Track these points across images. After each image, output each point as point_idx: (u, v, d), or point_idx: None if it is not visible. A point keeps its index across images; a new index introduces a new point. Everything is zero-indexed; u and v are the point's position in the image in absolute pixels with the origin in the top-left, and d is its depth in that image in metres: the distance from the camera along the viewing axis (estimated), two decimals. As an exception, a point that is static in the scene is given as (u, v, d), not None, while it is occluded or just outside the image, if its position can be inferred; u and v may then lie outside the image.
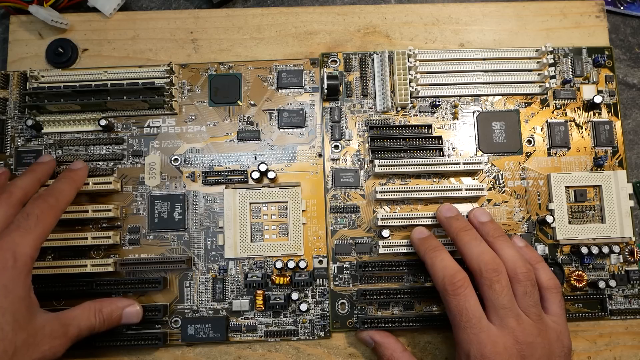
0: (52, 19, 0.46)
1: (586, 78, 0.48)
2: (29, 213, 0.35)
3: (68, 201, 0.39)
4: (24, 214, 0.35)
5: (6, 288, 0.32)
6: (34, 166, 0.42)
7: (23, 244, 0.34)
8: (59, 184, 0.40)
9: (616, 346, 0.45)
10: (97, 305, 0.39)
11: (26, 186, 0.38)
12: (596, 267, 0.45)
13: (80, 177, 0.42)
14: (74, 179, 0.41)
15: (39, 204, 0.36)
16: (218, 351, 0.44)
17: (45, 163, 0.42)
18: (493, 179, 0.46)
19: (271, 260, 0.44)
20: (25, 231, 0.34)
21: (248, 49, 0.48)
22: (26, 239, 0.34)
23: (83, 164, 0.43)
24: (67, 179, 0.40)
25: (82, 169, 0.43)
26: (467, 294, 0.37)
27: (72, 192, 0.40)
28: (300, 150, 0.46)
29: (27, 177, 0.39)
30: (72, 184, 0.40)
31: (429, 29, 0.49)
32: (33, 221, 0.35)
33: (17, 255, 0.33)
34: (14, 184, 0.38)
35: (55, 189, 0.39)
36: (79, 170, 0.42)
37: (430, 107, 0.47)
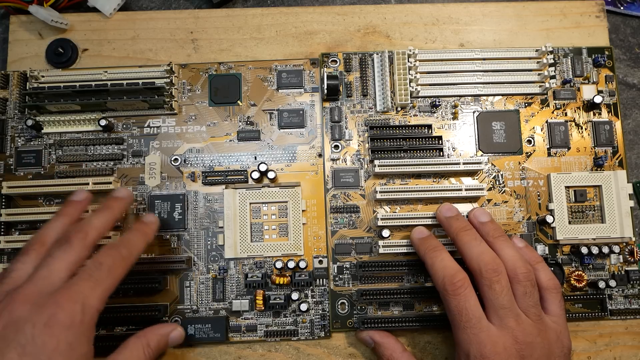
0: (52, 19, 0.46)
1: (586, 78, 0.48)
2: (102, 262, 0.33)
3: (138, 255, 0.37)
4: (97, 262, 0.33)
5: (71, 347, 0.30)
6: (111, 202, 0.39)
7: (93, 296, 0.32)
8: (132, 236, 0.38)
9: (616, 346, 0.45)
10: (144, 340, 0.36)
11: (102, 227, 0.36)
12: (596, 267, 0.45)
13: (151, 232, 0.40)
14: (146, 232, 0.39)
15: (112, 254, 0.34)
16: (218, 351, 0.44)
17: (122, 200, 0.40)
18: (493, 179, 0.46)
19: (271, 260, 0.44)
20: (96, 283, 0.32)
21: (248, 49, 0.48)
22: (96, 291, 0.32)
23: (155, 218, 0.41)
24: (140, 232, 0.39)
25: (155, 223, 0.41)
26: (467, 294, 0.37)
27: (143, 246, 0.38)
28: (300, 150, 0.46)
29: (103, 215, 0.37)
30: (144, 238, 0.39)
31: (429, 29, 0.49)
32: (105, 273, 0.33)
33: (86, 308, 0.31)
34: (90, 223, 0.36)
35: (128, 241, 0.37)
36: (151, 224, 0.40)
37: (430, 107, 0.47)
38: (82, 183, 0.43)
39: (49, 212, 0.43)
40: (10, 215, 0.43)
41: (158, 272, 0.43)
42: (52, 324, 0.29)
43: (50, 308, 0.30)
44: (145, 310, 0.42)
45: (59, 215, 0.37)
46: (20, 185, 0.43)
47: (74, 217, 0.38)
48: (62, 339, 0.29)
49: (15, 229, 0.44)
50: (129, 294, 0.44)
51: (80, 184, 0.43)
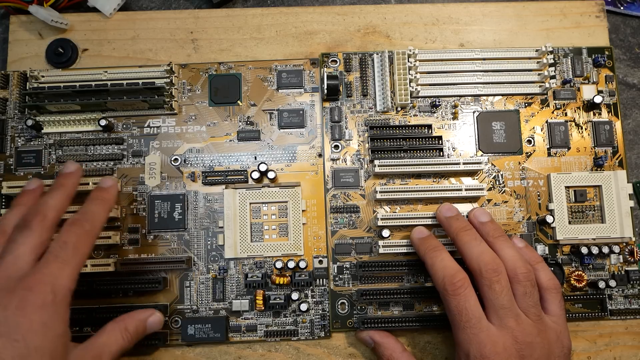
0: (52, 19, 0.46)
1: (586, 78, 0.48)
2: (66, 241, 0.33)
3: (102, 225, 0.37)
4: (61, 242, 0.33)
5: (46, 326, 0.30)
6: (62, 180, 0.38)
7: (62, 276, 0.32)
8: (92, 207, 0.37)
9: (616, 346, 0.45)
10: (121, 324, 0.37)
11: (59, 205, 0.36)
12: (596, 267, 0.45)
13: (112, 197, 0.39)
14: (106, 199, 0.38)
15: (75, 230, 0.34)
16: (218, 351, 0.44)
17: (72, 174, 0.39)
18: (493, 179, 0.46)
19: (271, 260, 0.44)
20: (63, 262, 0.32)
21: (248, 49, 0.48)
22: (65, 271, 0.32)
23: (113, 180, 0.40)
24: (99, 200, 0.38)
25: (113, 187, 0.40)
26: (467, 294, 0.37)
27: (106, 214, 0.38)
28: (300, 150, 0.46)
29: (58, 194, 0.37)
30: (105, 206, 0.38)
31: (429, 29, 0.49)
32: (71, 251, 0.33)
33: (57, 288, 0.31)
34: (46, 203, 0.35)
35: (89, 213, 0.36)
36: (110, 189, 0.39)
37: (430, 107, 0.47)
38: (82, 183, 0.43)
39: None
40: (10, 215, 0.43)
41: (158, 272, 0.43)
42: (23, 306, 0.30)
43: (20, 291, 0.30)
44: (145, 310, 0.42)
45: (15, 205, 0.37)
46: (20, 185, 0.43)
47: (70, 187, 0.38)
48: (35, 318, 0.30)
49: (15, 229, 0.44)
50: (129, 294, 0.44)
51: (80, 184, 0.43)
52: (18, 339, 0.29)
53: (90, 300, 0.43)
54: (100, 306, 0.43)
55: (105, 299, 0.43)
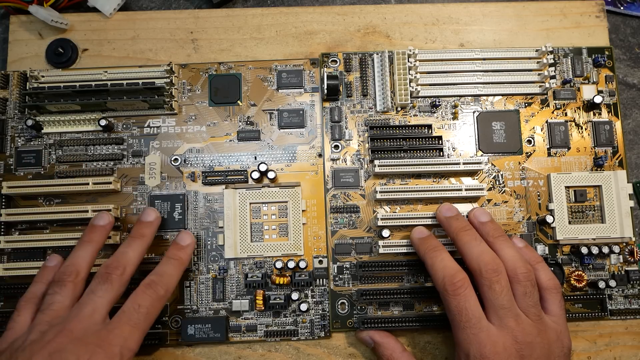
0: (52, 19, 0.46)
1: (586, 78, 0.48)
2: (141, 305, 0.35)
3: (174, 288, 0.38)
4: (136, 304, 0.35)
5: None
6: (143, 230, 0.39)
7: (131, 340, 0.33)
8: (168, 268, 0.38)
9: (616, 346, 0.45)
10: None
11: (138, 259, 0.37)
12: (596, 267, 0.45)
13: (188, 257, 0.40)
14: (182, 260, 0.40)
15: (150, 294, 0.36)
16: (218, 351, 0.44)
17: (152, 223, 0.40)
18: (493, 179, 0.46)
19: (271, 260, 0.44)
20: (135, 326, 0.34)
21: (248, 49, 0.48)
22: (134, 335, 0.34)
23: (191, 238, 0.41)
24: (176, 262, 0.39)
25: (191, 245, 0.41)
26: (467, 294, 0.37)
27: (179, 276, 0.39)
28: (300, 150, 0.46)
29: (137, 246, 0.38)
30: (181, 268, 0.39)
31: (429, 29, 0.49)
32: (143, 316, 0.35)
33: (124, 351, 0.33)
34: (127, 257, 0.37)
35: (165, 276, 0.37)
36: (187, 248, 0.40)
37: (430, 107, 0.47)
38: (82, 183, 0.43)
39: (49, 212, 0.43)
40: (10, 215, 0.43)
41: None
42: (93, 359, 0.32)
43: (93, 347, 0.32)
44: (145, 310, 0.42)
45: (85, 242, 0.38)
46: (20, 185, 0.43)
47: (100, 242, 0.39)
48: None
49: (15, 229, 0.44)
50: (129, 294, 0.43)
51: (80, 184, 0.43)
52: None
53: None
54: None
55: (105, 299, 0.43)
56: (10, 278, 0.43)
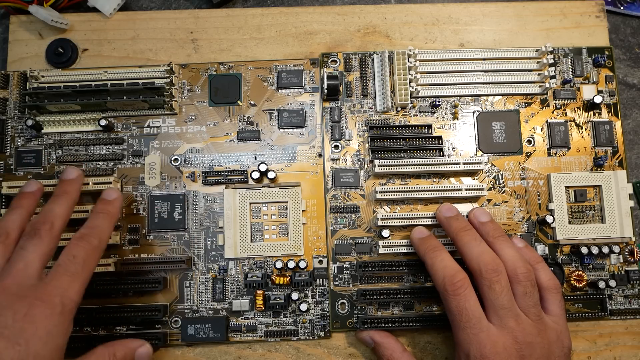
0: (52, 19, 0.46)
1: (586, 78, 0.48)
2: (75, 255, 0.34)
3: (107, 239, 0.38)
4: (70, 256, 0.34)
5: (49, 335, 0.31)
6: (66, 187, 0.39)
7: (71, 289, 0.33)
8: (98, 221, 0.38)
9: (616, 346, 0.45)
10: (111, 349, 0.37)
11: (65, 213, 0.37)
12: (596, 267, 0.45)
13: (117, 210, 0.40)
14: (111, 212, 0.39)
15: (83, 245, 0.35)
16: (218, 351, 0.44)
17: (74, 180, 0.40)
18: (493, 179, 0.46)
19: (271, 260, 0.44)
20: (72, 276, 0.33)
21: (248, 49, 0.48)
22: (74, 285, 0.33)
23: (117, 193, 0.41)
24: (105, 214, 0.39)
25: (117, 199, 0.40)
26: (467, 294, 0.37)
27: (111, 228, 0.39)
28: (300, 150, 0.46)
29: (63, 201, 0.38)
30: (111, 220, 0.39)
31: (429, 29, 0.49)
32: (80, 265, 0.34)
33: (65, 301, 0.32)
34: (53, 211, 0.36)
35: (96, 228, 0.37)
36: (114, 201, 0.40)
37: (430, 107, 0.47)
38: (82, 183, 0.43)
39: (49, 212, 0.43)
40: (10, 215, 0.43)
41: (158, 272, 0.43)
42: (32, 313, 0.31)
43: (31, 299, 0.31)
44: (145, 310, 0.42)
45: (15, 207, 0.38)
46: (20, 185, 0.43)
47: (30, 208, 0.38)
48: (40, 326, 0.31)
49: (15, 229, 0.44)
50: (129, 294, 0.44)
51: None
52: (20, 343, 0.30)
53: (91, 300, 0.43)
54: (100, 306, 0.43)
55: (106, 299, 0.43)
56: (10, 278, 0.43)
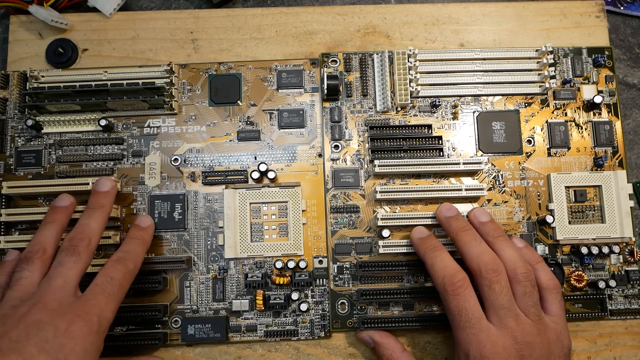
0: (52, 19, 0.46)
1: (586, 78, 0.48)
2: (113, 277, 0.36)
3: (140, 264, 0.39)
4: (108, 277, 0.36)
5: (85, 351, 0.32)
6: (101, 199, 0.40)
7: (107, 309, 0.34)
8: (133, 246, 0.39)
9: (616, 346, 0.45)
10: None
11: (101, 229, 0.38)
12: (596, 267, 0.45)
13: (149, 237, 0.42)
14: (145, 240, 0.41)
15: (120, 268, 0.37)
16: (218, 351, 0.44)
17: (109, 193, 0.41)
18: (493, 179, 0.46)
19: (271, 260, 0.44)
20: (109, 297, 0.35)
21: (248, 49, 0.48)
22: (110, 305, 0.34)
23: (151, 220, 0.43)
24: (139, 241, 0.40)
25: (151, 227, 0.42)
26: (467, 294, 0.37)
27: (144, 254, 0.40)
28: (300, 150, 0.46)
29: (98, 216, 0.39)
30: (145, 246, 0.40)
31: (429, 29, 0.49)
32: (116, 287, 0.36)
33: (102, 320, 0.33)
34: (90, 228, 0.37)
35: (132, 253, 0.39)
36: (148, 229, 0.42)
37: (430, 107, 0.47)
38: (82, 183, 0.43)
39: (49, 212, 0.43)
40: (10, 215, 0.43)
41: (158, 272, 0.43)
42: (71, 330, 0.32)
43: (71, 316, 0.32)
44: (145, 310, 0.42)
45: (49, 222, 0.38)
46: (20, 185, 0.43)
47: (63, 223, 0.39)
48: (78, 343, 0.32)
49: (15, 229, 0.44)
50: (129, 294, 0.43)
51: (80, 184, 0.43)
52: (60, 358, 0.31)
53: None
54: (100, 306, 0.43)
55: (105, 299, 0.43)
56: (10, 278, 0.43)
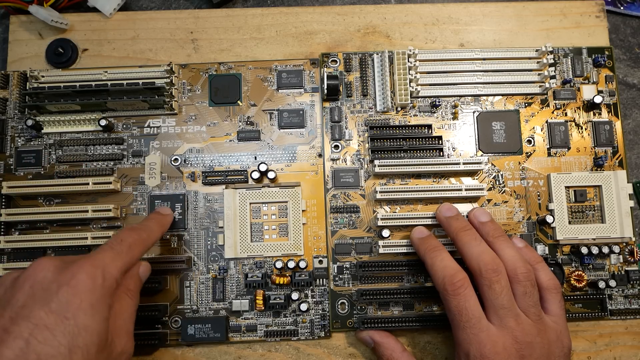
0: (52, 19, 0.46)
1: (586, 78, 0.48)
2: (123, 239, 0.36)
3: (154, 242, 0.39)
4: (118, 238, 0.36)
5: (93, 307, 0.31)
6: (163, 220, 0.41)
7: (112, 265, 0.34)
8: (150, 223, 0.40)
9: (616, 346, 0.45)
10: None
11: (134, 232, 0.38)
12: (596, 267, 0.45)
13: (167, 222, 0.42)
14: (162, 222, 0.41)
15: (132, 234, 0.37)
16: (218, 351, 0.44)
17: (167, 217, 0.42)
18: (493, 179, 0.46)
19: (271, 260, 0.44)
20: (116, 254, 0.34)
21: (248, 49, 0.48)
22: (116, 262, 0.34)
23: (170, 211, 0.43)
24: (156, 221, 0.41)
25: (170, 215, 0.43)
26: (467, 294, 0.37)
27: (159, 235, 0.40)
28: (300, 150, 0.46)
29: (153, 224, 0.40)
30: (161, 227, 0.41)
31: (429, 29, 0.49)
32: (125, 247, 0.35)
33: (106, 274, 0.33)
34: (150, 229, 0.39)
35: (147, 227, 0.39)
36: (167, 216, 0.42)
37: (430, 107, 0.47)
38: (82, 183, 0.43)
39: (49, 212, 0.43)
40: (10, 215, 0.43)
41: (158, 272, 0.43)
42: (74, 284, 0.31)
43: (72, 270, 0.32)
44: (145, 310, 0.42)
45: None
46: (20, 185, 0.43)
47: None
48: (84, 298, 0.31)
49: (15, 229, 0.44)
50: (129, 294, 0.44)
51: (80, 184, 0.43)
52: (68, 317, 0.30)
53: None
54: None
55: (105, 299, 0.43)
56: (10, 278, 0.43)
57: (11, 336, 0.28)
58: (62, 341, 0.29)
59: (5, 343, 0.28)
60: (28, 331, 0.29)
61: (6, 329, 0.29)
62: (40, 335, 0.29)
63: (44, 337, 0.29)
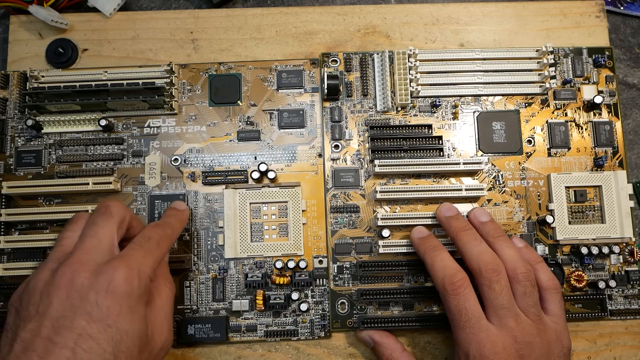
0: (52, 19, 0.46)
1: (586, 78, 0.48)
2: (150, 237, 0.36)
3: (176, 238, 0.40)
4: (145, 236, 0.35)
5: (132, 310, 0.31)
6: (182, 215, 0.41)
7: (145, 264, 0.33)
8: (171, 219, 0.40)
9: (616, 346, 0.45)
10: None
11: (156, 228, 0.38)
12: (596, 267, 0.45)
13: (185, 218, 0.42)
14: (181, 218, 0.41)
15: (158, 231, 0.37)
16: (218, 351, 0.44)
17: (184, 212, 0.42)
18: (493, 179, 0.46)
19: (271, 260, 0.44)
20: (147, 252, 0.34)
21: (248, 49, 0.48)
22: (148, 260, 0.34)
23: (185, 205, 0.43)
24: (176, 217, 0.41)
25: (186, 210, 0.43)
26: (467, 294, 0.37)
27: (180, 230, 0.40)
28: (300, 150, 0.46)
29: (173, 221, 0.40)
30: (181, 223, 0.41)
31: (429, 29, 0.49)
32: (154, 244, 0.35)
33: (141, 274, 0.32)
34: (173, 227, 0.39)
35: (169, 223, 0.39)
36: (185, 212, 0.42)
37: (431, 107, 0.47)
38: (82, 183, 0.43)
39: (49, 212, 0.43)
40: (10, 215, 0.43)
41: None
42: (112, 289, 0.31)
43: (108, 275, 0.31)
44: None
45: None
46: (20, 185, 0.43)
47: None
48: (124, 304, 0.31)
49: (15, 229, 0.44)
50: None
51: (80, 184, 0.43)
52: (110, 324, 0.30)
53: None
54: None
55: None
56: (10, 278, 0.43)
57: (57, 346, 0.28)
58: (107, 348, 0.29)
59: (53, 354, 0.28)
60: (73, 341, 0.29)
61: (51, 339, 0.29)
62: (85, 344, 0.29)
63: (88, 346, 0.29)
